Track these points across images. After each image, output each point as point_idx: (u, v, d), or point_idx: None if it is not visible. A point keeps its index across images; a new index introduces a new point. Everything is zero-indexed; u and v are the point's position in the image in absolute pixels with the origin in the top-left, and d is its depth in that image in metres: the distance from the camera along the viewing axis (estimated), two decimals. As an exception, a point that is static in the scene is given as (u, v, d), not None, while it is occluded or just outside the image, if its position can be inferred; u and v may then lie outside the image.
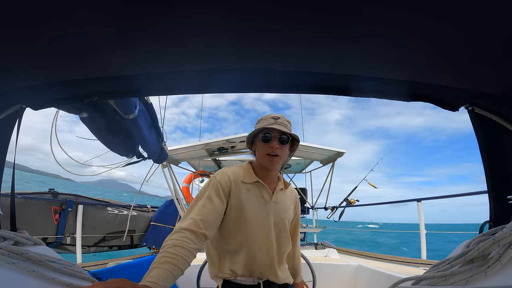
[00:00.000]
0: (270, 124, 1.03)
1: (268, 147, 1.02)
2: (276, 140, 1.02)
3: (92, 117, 1.25)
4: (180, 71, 0.74)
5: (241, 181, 1.05)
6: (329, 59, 0.69)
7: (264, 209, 1.04)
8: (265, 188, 1.06)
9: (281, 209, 1.08)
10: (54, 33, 0.55)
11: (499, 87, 0.72)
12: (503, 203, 0.75)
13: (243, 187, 1.04)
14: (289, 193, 1.16)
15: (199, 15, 0.52)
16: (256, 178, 1.06)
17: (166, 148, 2.12)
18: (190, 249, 0.79)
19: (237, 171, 1.08)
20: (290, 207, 1.15)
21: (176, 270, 0.72)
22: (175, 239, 0.79)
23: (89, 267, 2.06)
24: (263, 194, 1.06)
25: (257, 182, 1.06)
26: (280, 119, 1.06)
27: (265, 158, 1.03)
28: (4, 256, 0.59)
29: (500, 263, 0.50)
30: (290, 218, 1.15)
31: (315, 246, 2.78)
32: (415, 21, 0.52)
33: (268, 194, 1.06)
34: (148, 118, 1.59)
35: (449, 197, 2.70)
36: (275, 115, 1.07)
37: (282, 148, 1.03)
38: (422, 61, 0.66)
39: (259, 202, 1.04)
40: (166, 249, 0.76)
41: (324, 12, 0.50)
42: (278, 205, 1.07)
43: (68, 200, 3.03)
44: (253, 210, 1.02)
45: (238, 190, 1.03)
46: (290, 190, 1.18)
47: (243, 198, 1.02)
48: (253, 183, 1.06)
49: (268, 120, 1.06)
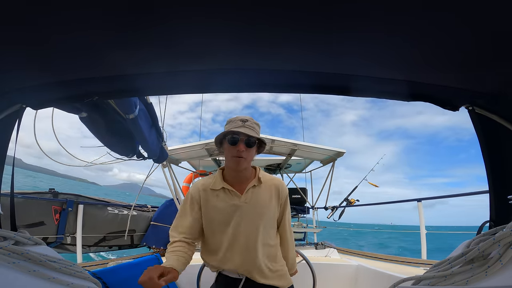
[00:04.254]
0: (238, 127, 1.05)
1: (234, 149, 1.05)
2: (242, 143, 1.05)
3: (92, 117, 1.25)
4: (180, 71, 0.74)
5: (210, 189, 1.11)
6: (330, 59, 0.69)
7: (234, 211, 1.08)
8: (233, 192, 1.10)
9: (255, 205, 1.10)
10: (54, 34, 0.55)
11: (499, 87, 0.72)
12: (504, 203, 0.75)
13: (212, 194, 1.11)
14: (265, 187, 1.15)
15: (199, 16, 0.51)
16: (222, 184, 1.11)
17: (166, 148, 2.12)
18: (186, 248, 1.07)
19: (208, 180, 1.15)
20: (269, 199, 1.14)
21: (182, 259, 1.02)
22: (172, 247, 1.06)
23: (90, 267, 2.06)
24: (231, 198, 1.10)
25: (223, 188, 1.11)
26: (248, 122, 1.07)
27: (232, 160, 1.06)
28: (5, 256, 0.59)
29: (501, 263, 0.50)
30: (270, 211, 1.14)
31: (315, 246, 2.78)
32: (415, 22, 0.52)
33: (236, 197, 1.09)
34: (148, 117, 1.59)
35: (449, 197, 2.70)
36: (243, 118, 1.09)
37: (248, 150, 1.06)
38: (422, 61, 0.66)
39: (228, 205, 1.09)
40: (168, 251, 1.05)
41: (324, 13, 0.50)
42: (250, 203, 1.09)
43: (69, 200, 3.02)
44: (223, 215, 1.09)
45: (208, 198, 1.11)
46: (267, 183, 1.16)
47: (213, 205, 1.10)
48: (221, 189, 1.11)
49: (236, 122, 1.07)
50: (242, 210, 1.09)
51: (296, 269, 1.31)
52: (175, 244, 1.07)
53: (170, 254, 1.02)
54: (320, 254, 2.65)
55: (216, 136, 1.13)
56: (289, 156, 3.50)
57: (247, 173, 1.14)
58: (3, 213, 0.78)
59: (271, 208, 1.14)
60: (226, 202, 1.09)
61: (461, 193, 2.61)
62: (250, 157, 1.09)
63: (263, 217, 1.11)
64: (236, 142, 1.05)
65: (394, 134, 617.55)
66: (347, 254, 2.85)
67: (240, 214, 1.08)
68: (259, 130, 1.11)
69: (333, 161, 3.44)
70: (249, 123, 1.07)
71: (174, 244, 1.08)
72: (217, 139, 1.13)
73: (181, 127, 46.78)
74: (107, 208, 3.46)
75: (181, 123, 60.15)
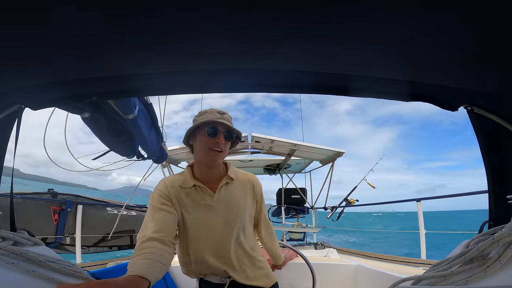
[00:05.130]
0: (217, 119, 0.98)
1: (212, 141, 0.97)
2: (221, 135, 0.98)
3: (94, 117, 1.25)
4: (180, 71, 0.74)
5: (179, 186, 1.01)
6: (329, 59, 0.69)
7: (207, 211, 1.00)
8: (205, 190, 1.01)
9: (230, 203, 1.02)
10: (53, 33, 0.55)
11: (497, 87, 0.72)
12: (503, 202, 0.75)
13: (182, 192, 1.00)
14: (238, 183, 1.07)
15: (198, 16, 0.51)
16: (193, 181, 1.01)
17: (165, 148, 2.12)
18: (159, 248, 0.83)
19: (176, 178, 1.05)
20: (244, 196, 1.07)
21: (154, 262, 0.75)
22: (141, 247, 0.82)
23: (89, 267, 2.06)
24: (203, 197, 1.01)
25: (195, 186, 1.01)
26: (225, 114, 1.01)
27: (208, 153, 0.98)
28: (4, 256, 0.58)
29: (500, 263, 0.50)
30: (246, 207, 1.07)
31: (314, 246, 2.78)
32: (415, 22, 0.52)
33: (209, 196, 1.01)
34: (148, 118, 1.59)
35: (449, 197, 2.71)
36: (220, 110, 1.02)
37: (226, 144, 1.00)
38: (422, 61, 0.66)
39: (199, 206, 1.00)
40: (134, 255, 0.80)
41: (323, 13, 0.50)
42: (224, 202, 1.02)
43: (68, 200, 3.02)
44: (196, 215, 0.99)
45: (177, 196, 1.00)
46: (241, 179, 1.09)
47: (183, 204, 0.99)
48: (191, 188, 1.01)
49: (214, 114, 1.00)
50: (216, 210, 1.00)
51: (283, 260, 1.28)
52: (144, 245, 0.82)
53: (138, 259, 0.76)
54: (319, 254, 2.65)
55: (190, 127, 1.03)
56: (289, 156, 3.51)
57: (219, 169, 1.06)
58: (2, 213, 0.78)
59: (247, 205, 1.07)
60: (198, 201, 1.00)
61: (460, 193, 2.62)
62: (226, 152, 1.02)
63: (239, 216, 1.03)
64: (216, 134, 0.97)
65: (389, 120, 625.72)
66: (347, 254, 2.86)
67: (215, 215, 1.00)
68: None
69: (333, 161, 3.45)
70: (226, 116, 1.01)
71: (142, 245, 0.82)
72: (190, 131, 1.03)
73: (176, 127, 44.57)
74: (106, 208, 3.46)
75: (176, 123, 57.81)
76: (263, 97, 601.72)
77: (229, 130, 1.00)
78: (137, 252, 0.80)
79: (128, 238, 3.63)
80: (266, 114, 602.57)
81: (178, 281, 1.92)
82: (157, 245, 0.83)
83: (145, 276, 0.66)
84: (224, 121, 0.98)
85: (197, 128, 1.01)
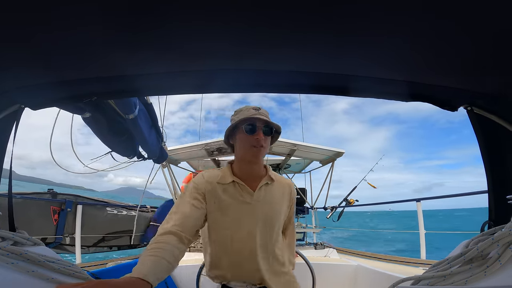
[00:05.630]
0: (254, 115, 0.96)
1: (252, 138, 0.95)
2: (260, 131, 0.95)
3: (95, 117, 1.25)
4: (180, 71, 0.74)
5: (216, 182, 0.98)
6: (329, 60, 0.69)
7: (245, 210, 0.96)
8: (244, 187, 0.98)
9: (268, 204, 1.00)
10: (53, 33, 0.55)
11: (497, 87, 0.72)
12: (503, 203, 0.75)
13: (219, 188, 0.97)
14: (277, 185, 1.05)
15: (199, 16, 0.51)
16: (233, 177, 0.98)
17: (166, 148, 2.12)
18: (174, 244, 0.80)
19: (214, 173, 1.02)
20: (280, 200, 1.04)
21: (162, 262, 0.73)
22: (157, 240, 0.80)
23: (89, 267, 2.06)
24: (242, 194, 0.97)
25: (234, 182, 0.98)
26: (261, 109, 0.99)
27: (250, 150, 0.96)
28: (3, 256, 0.58)
29: (499, 263, 0.50)
30: (281, 212, 1.04)
31: (314, 246, 2.78)
32: (415, 23, 0.52)
33: (248, 193, 0.97)
34: (148, 118, 1.59)
35: (449, 197, 2.71)
36: (256, 106, 1.00)
37: (266, 139, 0.97)
38: (422, 62, 0.66)
39: (237, 203, 0.96)
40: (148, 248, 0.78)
41: (324, 14, 0.50)
42: (262, 202, 0.98)
43: (67, 200, 3.02)
44: (232, 212, 0.96)
45: (213, 192, 0.96)
46: (280, 182, 1.07)
47: (220, 200, 0.96)
48: (230, 184, 0.98)
49: (250, 110, 0.98)
50: (255, 208, 0.97)
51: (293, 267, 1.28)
52: (160, 238, 0.81)
53: (147, 254, 0.74)
54: (319, 254, 2.65)
55: (227, 128, 1.02)
56: (289, 156, 3.50)
57: (260, 168, 1.04)
58: (1, 213, 0.78)
59: (283, 209, 1.05)
60: (235, 198, 0.97)
61: (460, 193, 2.62)
62: (267, 147, 0.99)
63: (277, 218, 1.01)
64: (255, 130, 0.95)
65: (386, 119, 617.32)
66: (347, 254, 2.86)
67: (253, 214, 0.96)
68: None
69: (333, 161, 3.45)
70: (262, 111, 0.99)
71: (158, 238, 0.81)
72: (228, 130, 1.02)
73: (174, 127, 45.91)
74: (106, 208, 3.46)
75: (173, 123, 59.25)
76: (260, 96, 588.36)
77: (268, 125, 0.97)
78: (151, 246, 0.78)
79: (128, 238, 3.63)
80: None
81: (178, 281, 1.92)
82: (172, 241, 0.81)
83: (146, 278, 0.64)
84: (261, 116, 0.96)
85: (235, 126, 0.99)
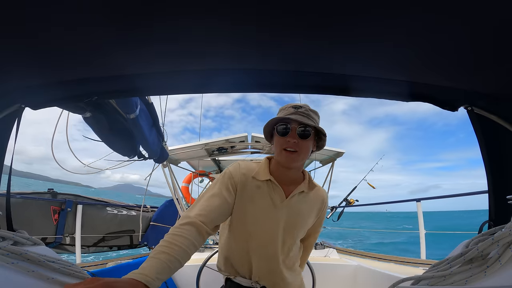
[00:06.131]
0: (289, 114, 0.87)
1: (284, 141, 0.87)
2: (294, 133, 0.86)
3: (95, 117, 1.25)
4: (181, 71, 0.74)
5: (251, 176, 0.93)
6: (329, 59, 0.69)
7: (271, 212, 0.92)
8: (278, 189, 0.93)
9: (295, 214, 0.95)
10: (54, 33, 0.55)
11: (497, 87, 0.72)
12: (503, 203, 0.75)
13: (252, 183, 0.93)
14: (313, 196, 0.99)
15: (199, 15, 0.52)
16: (269, 176, 0.93)
17: (166, 147, 2.12)
18: (191, 238, 0.75)
19: (251, 166, 0.97)
20: (310, 212, 0.99)
21: (173, 261, 0.67)
22: (175, 230, 0.76)
23: (89, 267, 2.06)
24: (273, 195, 0.93)
25: (269, 180, 0.93)
26: (302, 108, 0.89)
27: (281, 153, 0.88)
28: (4, 256, 0.58)
29: (500, 263, 0.50)
30: (306, 224, 1.00)
31: (314, 246, 2.78)
32: (415, 23, 0.52)
33: (280, 196, 0.93)
34: (149, 117, 1.59)
35: (449, 197, 2.71)
36: (296, 104, 0.91)
37: (302, 143, 0.87)
38: (422, 62, 0.66)
39: (267, 203, 0.93)
40: (165, 239, 0.73)
41: (323, 13, 0.50)
42: (291, 210, 0.94)
43: (68, 200, 3.02)
44: (259, 211, 0.92)
45: (246, 185, 0.92)
46: (315, 192, 1.00)
47: (250, 196, 0.92)
48: (264, 181, 0.93)
49: (288, 109, 0.90)
50: (281, 213, 0.93)
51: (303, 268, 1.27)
52: (178, 230, 0.75)
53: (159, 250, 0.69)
54: (319, 254, 2.65)
55: (264, 126, 0.94)
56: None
57: (297, 173, 0.97)
58: (1, 213, 0.78)
59: (309, 220, 1.01)
60: (267, 198, 0.92)
61: (459, 193, 2.62)
62: (305, 152, 0.89)
63: (300, 228, 0.98)
64: (287, 132, 0.87)
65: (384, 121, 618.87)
66: (347, 254, 2.85)
67: (278, 219, 0.93)
68: (317, 120, 0.91)
69: (333, 161, 3.45)
70: (303, 110, 0.88)
71: (177, 229, 0.76)
72: (266, 131, 0.95)
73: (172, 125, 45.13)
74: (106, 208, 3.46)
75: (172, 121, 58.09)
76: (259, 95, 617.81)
77: (303, 126, 0.86)
78: (169, 237, 0.73)
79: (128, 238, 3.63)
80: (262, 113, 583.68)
81: (178, 281, 1.93)
82: (192, 234, 0.76)
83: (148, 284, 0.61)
84: (296, 116, 0.86)
85: (272, 126, 0.92)
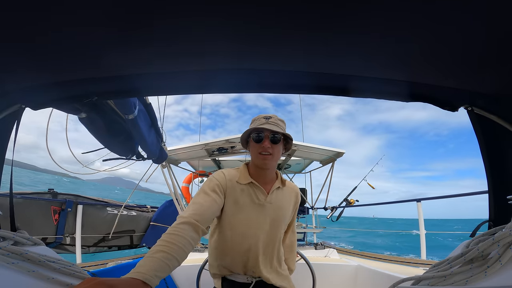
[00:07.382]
0: (261, 124, 1.05)
1: (260, 147, 1.04)
2: (267, 140, 1.04)
3: (91, 117, 1.25)
4: (179, 71, 0.74)
5: (236, 181, 1.07)
6: (329, 60, 0.69)
7: (258, 210, 1.06)
8: (259, 188, 1.08)
9: (277, 208, 1.10)
10: (53, 33, 0.55)
11: (498, 87, 0.72)
12: (503, 203, 0.75)
13: (237, 187, 1.07)
14: (287, 190, 1.16)
15: (198, 16, 0.52)
16: (250, 179, 1.08)
17: (165, 148, 2.12)
18: (187, 237, 0.80)
19: (232, 172, 1.11)
20: (288, 204, 1.15)
21: (170, 259, 0.71)
22: (171, 230, 0.82)
23: (89, 267, 2.06)
24: (257, 195, 1.07)
25: (251, 183, 1.08)
26: (272, 118, 1.07)
27: (258, 157, 1.05)
28: (4, 256, 0.58)
29: (500, 263, 0.50)
30: (287, 215, 1.15)
31: (315, 246, 2.78)
32: (415, 23, 0.52)
33: (262, 195, 1.08)
34: (148, 118, 1.59)
35: (448, 197, 2.71)
36: (267, 115, 1.09)
37: (274, 147, 1.05)
38: (422, 62, 0.66)
39: (253, 203, 1.06)
40: (162, 238, 0.77)
41: (323, 13, 0.50)
42: (273, 205, 1.09)
43: (68, 200, 3.02)
44: (247, 211, 1.05)
45: (233, 190, 1.06)
46: (289, 187, 1.18)
47: (237, 199, 1.05)
48: (247, 184, 1.07)
49: (260, 120, 1.07)
50: (266, 209, 1.07)
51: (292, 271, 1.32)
52: (175, 229, 0.81)
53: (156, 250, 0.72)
54: (319, 254, 2.65)
55: (241, 135, 1.13)
56: (289, 157, 3.50)
57: (272, 173, 1.13)
58: (2, 213, 0.78)
59: (289, 212, 1.16)
60: (252, 198, 1.07)
61: (460, 194, 2.62)
62: (277, 155, 1.07)
63: (283, 220, 1.12)
64: (261, 139, 1.04)
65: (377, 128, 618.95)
66: (347, 254, 2.85)
67: (264, 214, 1.07)
68: (284, 127, 1.10)
69: (333, 162, 3.45)
70: (272, 120, 1.07)
71: (173, 228, 0.82)
72: (243, 139, 1.13)
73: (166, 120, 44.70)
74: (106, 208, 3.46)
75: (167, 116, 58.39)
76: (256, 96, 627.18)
77: (274, 134, 1.04)
78: (166, 237, 0.78)
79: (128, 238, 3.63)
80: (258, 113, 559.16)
81: (178, 281, 1.92)
82: (188, 232, 0.82)
83: (147, 281, 0.63)
84: (268, 126, 1.04)
85: (248, 135, 1.10)
